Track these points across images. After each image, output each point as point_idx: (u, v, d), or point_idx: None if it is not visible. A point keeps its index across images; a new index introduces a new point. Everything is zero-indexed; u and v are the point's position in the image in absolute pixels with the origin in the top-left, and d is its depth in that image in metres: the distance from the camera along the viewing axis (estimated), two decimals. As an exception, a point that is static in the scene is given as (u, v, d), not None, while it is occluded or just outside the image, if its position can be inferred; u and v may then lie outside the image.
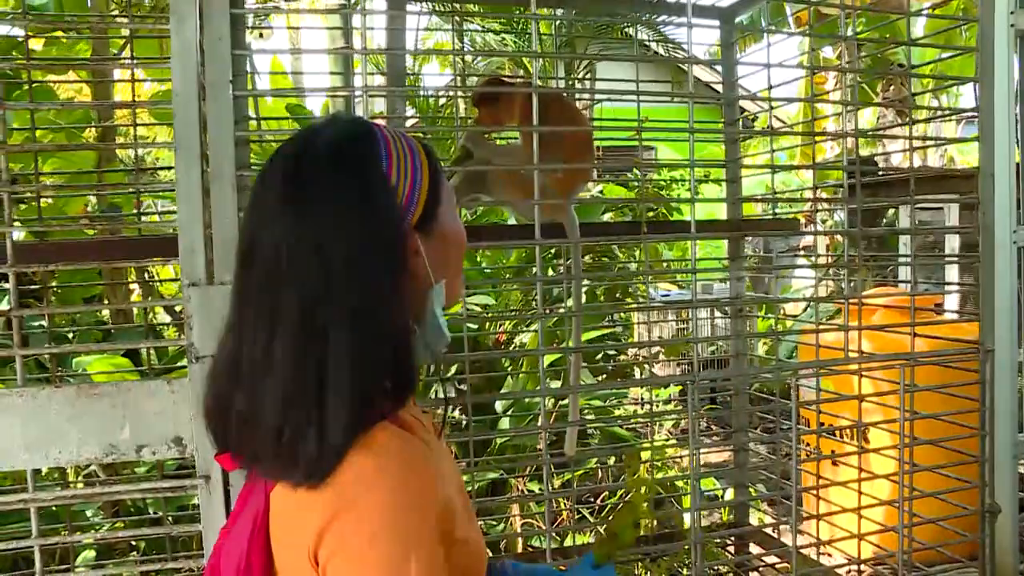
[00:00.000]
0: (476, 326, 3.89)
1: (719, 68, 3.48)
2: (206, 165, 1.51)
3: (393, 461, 0.87)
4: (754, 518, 3.51)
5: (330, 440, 0.85)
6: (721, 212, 3.06)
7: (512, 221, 2.81)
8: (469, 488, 2.96)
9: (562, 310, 3.88)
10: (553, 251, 4.11)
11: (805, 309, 5.81)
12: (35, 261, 2.30)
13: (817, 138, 6.05)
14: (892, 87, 7.23)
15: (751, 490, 3.24)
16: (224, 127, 1.50)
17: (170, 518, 2.98)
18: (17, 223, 4.12)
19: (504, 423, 4.02)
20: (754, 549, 3.03)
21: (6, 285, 3.63)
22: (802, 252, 7.18)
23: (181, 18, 1.46)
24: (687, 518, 3.84)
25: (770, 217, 3.12)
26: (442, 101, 4.93)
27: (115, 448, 1.49)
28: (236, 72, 2.44)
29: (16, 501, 1.52)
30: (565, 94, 3.47)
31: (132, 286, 4.73)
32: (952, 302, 4.39)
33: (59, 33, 4.08)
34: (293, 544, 0.88)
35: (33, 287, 3.67)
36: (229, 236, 1.50)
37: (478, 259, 4.57)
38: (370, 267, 0.90)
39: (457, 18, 4.02)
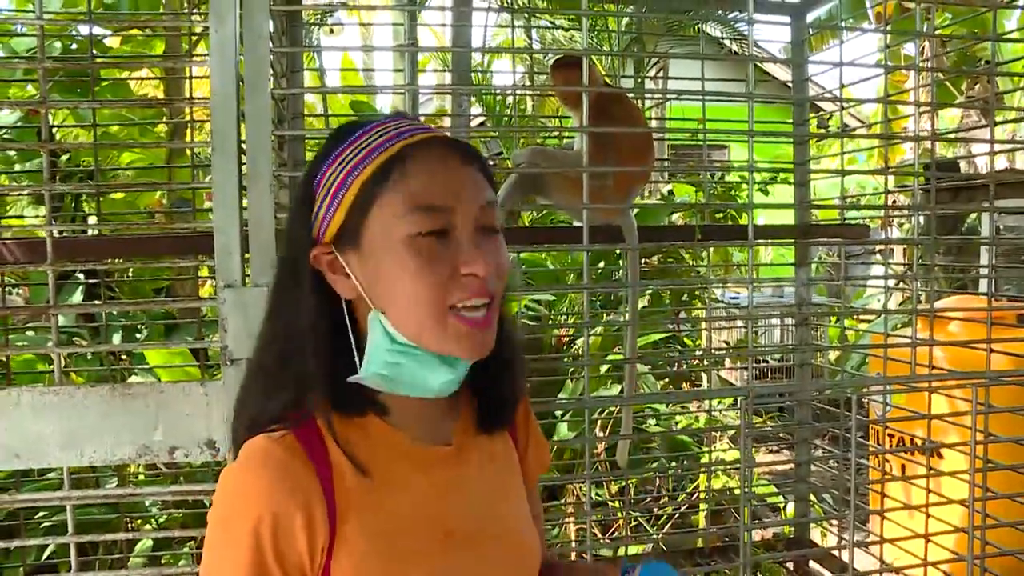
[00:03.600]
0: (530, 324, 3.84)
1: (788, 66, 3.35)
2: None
3: (241, 463, 0.89)
4: (817, 534, 3.38)
5: (236, 434, 0.95)
6: (790, 216, 2.95)
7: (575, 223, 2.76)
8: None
9: (622, 313, 3.80)
10: (618, 252, 4.04)
11: (878, 317, 5.59)
12: (93, 256, 2.34)
13: (896, 140, 5.81)
14: (978, 85, 6.91)
15: (814, 504, 3.11)
16: (262, 126, 1.48)
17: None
18: (93, 216, 4.25)
19: (562, 428, 3.96)
20: (814, 566, 2.91)
21: (80, 277, 3.76)
22: (877, 258, 6.93)
23: (221, 16, 1.44)
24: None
25: (837, 223, 2.98)
26: (509, 99, 4.90)
27: (148, 449, 1.48)
28: (294, 68, 2.46)
29: (54, 498, 1.53)
30: (630, 94, 3.38)
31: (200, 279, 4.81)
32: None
33: (135, 32, 4.16)
34: None
35: (108, 280, 3.75)
36: (266, 237, 1.48)
37: (543, 257, 4.53)
38: (278, 272, 0.99)
39: (526, 15, 3.97)
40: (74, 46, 3.72)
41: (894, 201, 4.58)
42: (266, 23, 1.47)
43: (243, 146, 1.49)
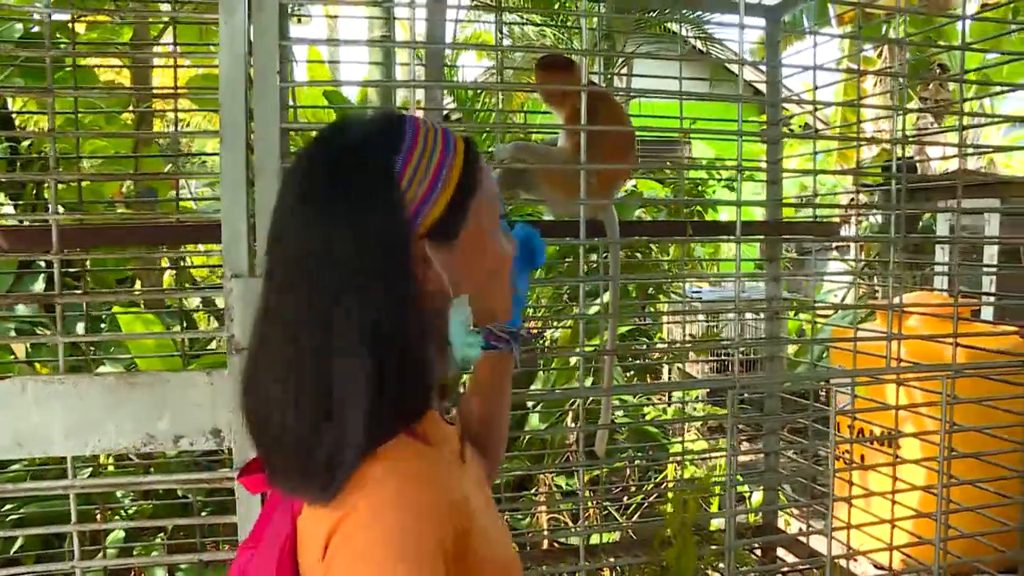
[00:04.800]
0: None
1: (762, 67, 3.43)
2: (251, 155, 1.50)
3: (401, 470, 0.82)
4: (781, 521, 3.48)
5: (342, 455, 0.81)
6: (757, 213, 3.03)
7: (547, 217, 2.80)
8: (495, 483, 2.96)
9: (596, 304, 3.85)
10: (592, 246, 4.08)
11: (836, 311, 5.74)
12: (79, 245, 2.32)
13: (855, 141, 5.96)
14: (931, 87, 7.10)
15: (780, 494, 3.20)
16: (271, 118, 1.49)
17: (198, 502, 3.01)
18: (59, 205, 4.18)
19: (533, 419, 4.01)
20: (782, 553, 3.00)
21: (42, 265, 3.70)
22: (835, 255, 7.09)
23: (230, 9, 1.46)
24: (714, 521, 3.82)
25: (810, 221, 3.08)
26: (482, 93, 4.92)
27: (153, 438, 1.49)
28: (283, 60, 2.46)
29: (58, 487, 1.53)
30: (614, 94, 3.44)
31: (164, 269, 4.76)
32: (986, 310, 4.31)
33: (103, 17, 4.10)
34: (314, 564, 0.84)
35: (70, 270, 3.69)
36: (274, 228, 1.50)
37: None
38: (368, 273, 0.84)
39: (496, 9, 3.99)
40: (35, 28, 3.65)
41: (852, 200, 4.71)
42: (275, 16, 1.49)
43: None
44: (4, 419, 1.45)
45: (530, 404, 3.80)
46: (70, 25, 3.15)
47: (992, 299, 3.67)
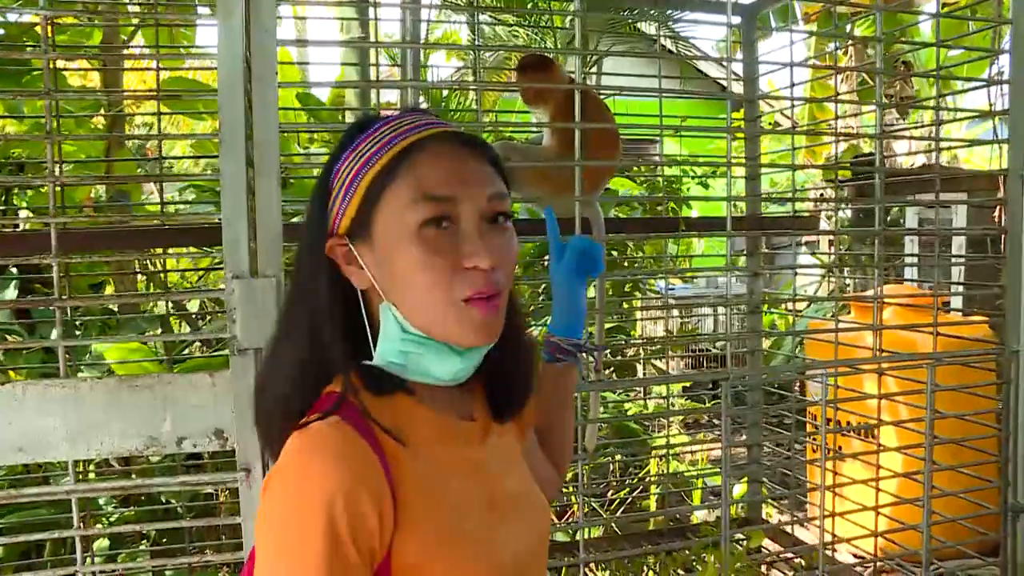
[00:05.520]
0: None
1: (737, 65, 3.47)
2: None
3: (304, 449, 0.86)
4: (764, 513, 3.53)
5: (273, 427, 0.96)
6: (722, 209, 3.08)
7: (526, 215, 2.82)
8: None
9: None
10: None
11: (809, 304, 5.83)
12: (75, 250, 2.29)
13: (822, 136, 6.05)
14: (897, 84, 7.24)
15: (763, 487, 3.25)
16: (270, 121, 1.50)
17: (180, 508, 2.99)
18: (26, 210, 4.12)
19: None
20: (767, 544, 3.05)
21: (14, 271, 3.64)
22: (804, 248, 7.20)
23: (228, 10, 1.46)
24: (697, 513, 3.86)
25: (789, 215, 3.13)
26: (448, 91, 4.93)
27: (156, 440, 1.49)
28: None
29: (61, 492, 1.52)
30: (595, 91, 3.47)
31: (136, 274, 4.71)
32: (955, 301, 4.42)
33: (70, 19, 4.05)
34: None
35: (40, 275, 3.65)
36: (273, 229, 1.51)
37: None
38: (298, 261, 0.99)
39: (469, 9, 4.01)
40: (0, 31, 3.60)
41: (821, 194, 4.78)
42: (273, 17, 1.49)
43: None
44: (3, 424, 1.43)
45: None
46: (39, 29, 3.12)
47: (961, 289, 3.75)
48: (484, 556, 0.93)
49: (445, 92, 4.91)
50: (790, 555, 2.74)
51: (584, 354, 1.25)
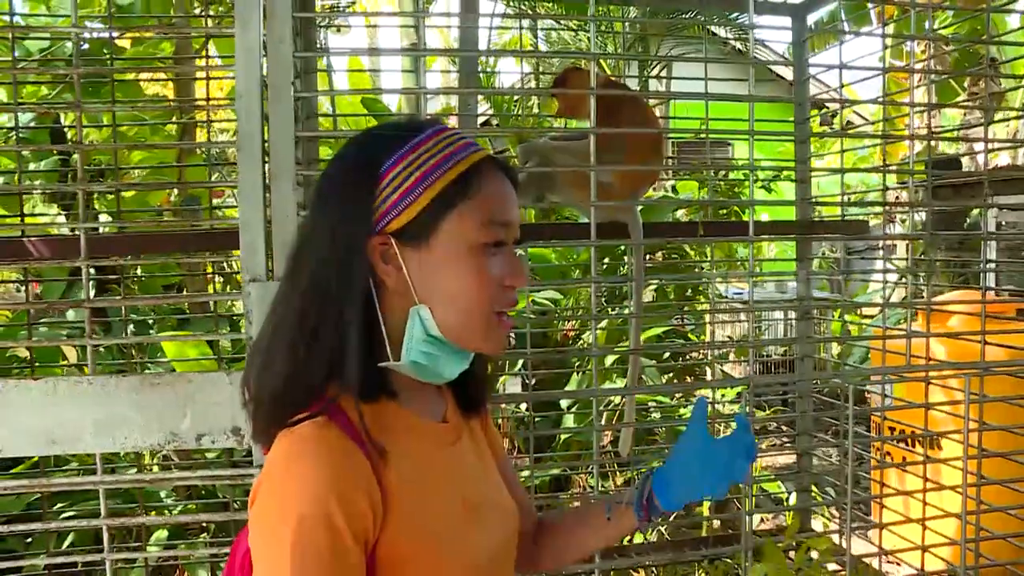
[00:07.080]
0: (539, 321, 3.89)
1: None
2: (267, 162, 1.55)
3: (296, 443, 0.89)
4: (819, 523, 3.44)
5: (261, 422, 0.99)
6: (793, 212, 3.00)
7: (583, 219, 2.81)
8: (529, 484, 2.98)
9: (627, 309, 3.86)
10: (622, 248, 4.09)
11: (881, 311, 5.65)
12: (112, 253, 2.40)
13: (892, 139, 5.85)
14: (982, 83, 6.95)
15: (816, 495, 3.17)
16: (285, 128, 1.54)
17: (236, 503, 3.09)
18: (104, 214, 4.32)
19: (568, 419, 4.03)
20: (813, 554, 2.97)
21: (92, 272, 3.82)
22: (880, 254, 6.97)
23: (245, 22, 1.51)
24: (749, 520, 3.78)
25: (839, 220, 3.05)
26: (515, 97, 4.96)
27: (176, 436, 1.55)
28: (308, 70, 2.52)
29: (87, 482, 1.59)
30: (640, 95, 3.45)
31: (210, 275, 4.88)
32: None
33: (147, 34, 4.23)
34: None
35: (114, 276, 3.81)
36: (289, 233, 1.55)
37: (548, 254, 4.60)
38: (317, 249, 0.96)
39: (531, 15, 4.03)
40: (85, 46, 3.79)
41: (896, 197, 4.63)
42: (288, 28, 1.54)
43: (266, 146, 1.55)
44: (38, 418, 1.52)
45: (564, 404, 3.82)
46: (111, 42, 3.28)
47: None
48: (461, 555, 0.97)
49: (509, 98, 4.95)
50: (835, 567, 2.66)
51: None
